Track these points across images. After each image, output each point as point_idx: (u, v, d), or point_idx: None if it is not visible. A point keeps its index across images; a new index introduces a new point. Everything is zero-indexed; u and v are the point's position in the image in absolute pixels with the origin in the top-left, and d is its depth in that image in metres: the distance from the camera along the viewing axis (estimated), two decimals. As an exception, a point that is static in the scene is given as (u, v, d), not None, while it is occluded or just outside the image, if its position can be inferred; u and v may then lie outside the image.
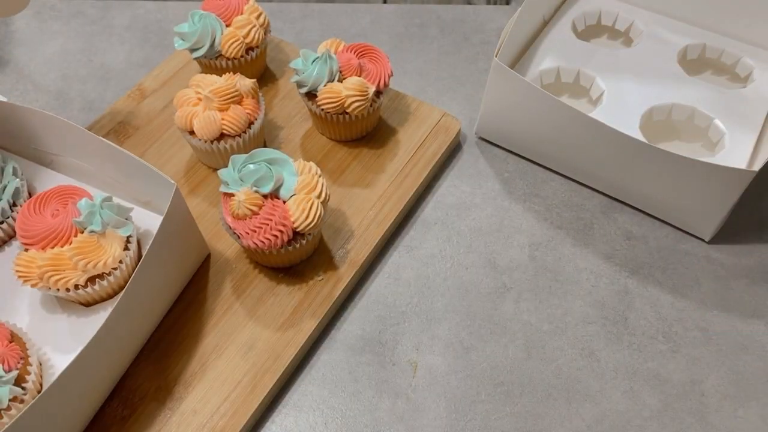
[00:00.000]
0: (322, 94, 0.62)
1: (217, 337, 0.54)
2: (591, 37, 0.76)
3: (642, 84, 0.67)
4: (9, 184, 0.57)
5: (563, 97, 0.70)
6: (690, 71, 0.69)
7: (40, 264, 0.50)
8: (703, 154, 0.64)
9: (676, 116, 0.65)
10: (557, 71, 0.68)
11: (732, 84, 0.71)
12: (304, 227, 0.53)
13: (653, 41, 0.71)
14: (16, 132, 0.59)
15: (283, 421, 0.52)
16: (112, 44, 0.79)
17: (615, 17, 0.74)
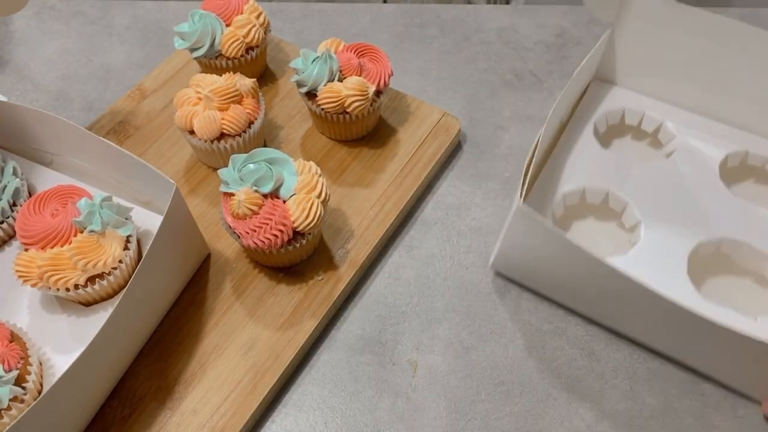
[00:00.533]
0: (322, 94, 0.62)
1: (217, 337, 0.54)
2: (614, 138, 0.67)
3: (684, 210, 0.58)
4: (9, 184, 0.57)
5: (589, 219, 0.61)
6: (731, 180, 0.62)
7: (40, 264, 0.50)
8: (758, 296, 0.56)
9: (726, 250, 0.57)
10: (582, 192, 0.60)
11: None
12: (304, 227, 0.53)
13: (688, 150, 0.63)
14: (16, 132, 0.59)
15: (283, 421, 0.52)
16: (112, 44, 0.79)
17: (641, 117, 0.66)
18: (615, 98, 0.67)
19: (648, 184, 0.60)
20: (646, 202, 0.59)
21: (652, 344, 0.54)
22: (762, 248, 0.56)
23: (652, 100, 0.66)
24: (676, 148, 0.63)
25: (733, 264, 0.57)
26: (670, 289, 0.50)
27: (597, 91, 0.67)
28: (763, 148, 0.62)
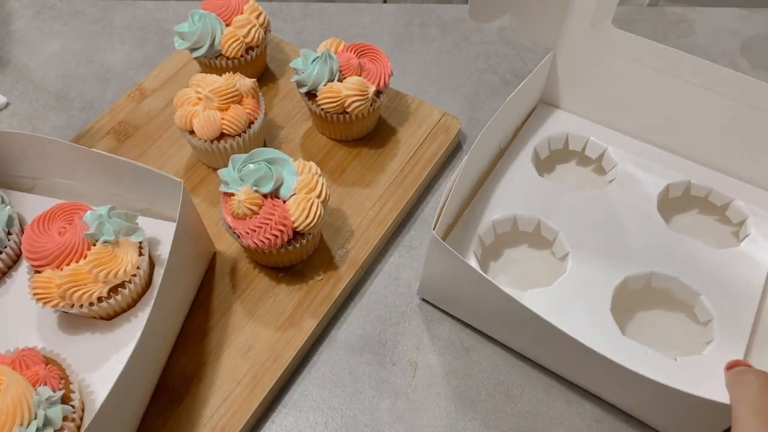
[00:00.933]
0: (322, 94, 0.62)
1: (217, 337, 0.54)
2: (557, 163, 0.66)
3: (615, 242, 0.57)
4: (1, 213, 0.55)
5: (522, 246, 0.60)
6: (674, 210, 0.61)
7: (59, 282, 0.49)
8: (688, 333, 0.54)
9: (656, 284, 0.55)
10: (514, 220, 0.58)
11: (723, 227, 0.61)
12: (304, 227, 0.53)
13: (628, 179, 0.61)
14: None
15: (283, 421, 0.52)
16: (112, 44, 0.79)
17: (585, 142, 0.64)
18: (559, 123, 0.65)
19: (582, 213, 0.58)
20: (578, 232, 0.57)
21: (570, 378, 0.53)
22: (692, 285, 0.54)
23: (597, 126, 0.65)
24: (617, 177, 0.62)
25: (664, 299, 0.56)
26: (590, 325, 0.51)
27: (542, 114, 0.66)
28: (707, 179, 0.61)
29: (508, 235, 0.59)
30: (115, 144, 0.66)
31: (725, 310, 0.53)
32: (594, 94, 0.63)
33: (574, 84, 0.64)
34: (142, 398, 0.49)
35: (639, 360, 0.50)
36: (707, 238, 0.60)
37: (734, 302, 0.53)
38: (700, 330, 0.54)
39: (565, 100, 0.66)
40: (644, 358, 0.50)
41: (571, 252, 0.56)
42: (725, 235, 0.60)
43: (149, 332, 0.45)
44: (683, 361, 0.50)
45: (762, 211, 0.59)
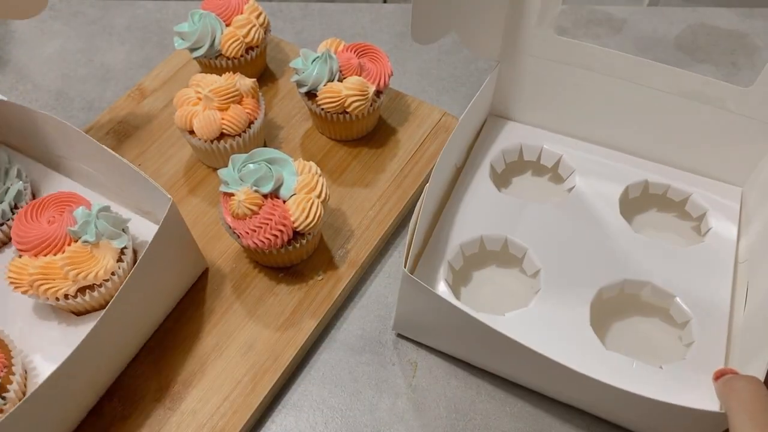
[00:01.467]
0: (322, 94, 0.62)
1: (217, 336, 0.54)
2: (513, 175, 0.65)
3: (584, 252, 0.56)
4: (12, 187, 0.57)
5: (491, 266, 0.58)
6: (634, 211, 0.61)
7: (31, 272, 0.49)
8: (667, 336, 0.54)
9: (630, 291, 0.55)
10: (480, 241, 0.57)
11: (683, 223, 0.61)
12: (304, 227, 0.53)
13: (588, 184, 0.60)
14: (26, 133, 0.59)
15: (283, 421, 0.52)
16: (112, 44, 0.79)
17: (539, 152, 0.63)
18: (512, 134, 0.65)
19: (547, 226, 0.58)
20: (546, 247, 0.56)
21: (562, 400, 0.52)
22: (664, 287, 0.54)
23: (550, 134, 0.64)
24: (576, 184, 0.61)
25: (640, 304, 0.55)
26: (573, 342, 0.51)
27: (494, 127, 0.65)
28: (662, 175, 0.61)
29: (476, 257, 0.58)
30: (115, 144, 0.66)
31: (701, 309, 0.53)
32: (544, 102, 0.63)
33: (523, 94, 0.63)
34: (82, 398, 0.48)
35: (626, 374, 0.49)
36: (671, 234, 0.60)
37: (708, 299, 0.53)
38: (678, 332, 0.54)
39: (515, 111, 0.65)
40: (630, 371, 0.49)
41: (542, 269, 0.55)
42: (686, 231, 0.61)
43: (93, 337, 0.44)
44: (669, 368, 0.50)
45: (720, 202, 0.59)
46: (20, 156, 0.63)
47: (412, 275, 0.46)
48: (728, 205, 0.59)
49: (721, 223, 0.58)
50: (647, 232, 0.60)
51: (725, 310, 0.53)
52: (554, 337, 0.51)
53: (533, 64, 0.61)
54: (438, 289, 0.54)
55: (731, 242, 0.57)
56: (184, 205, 0.62)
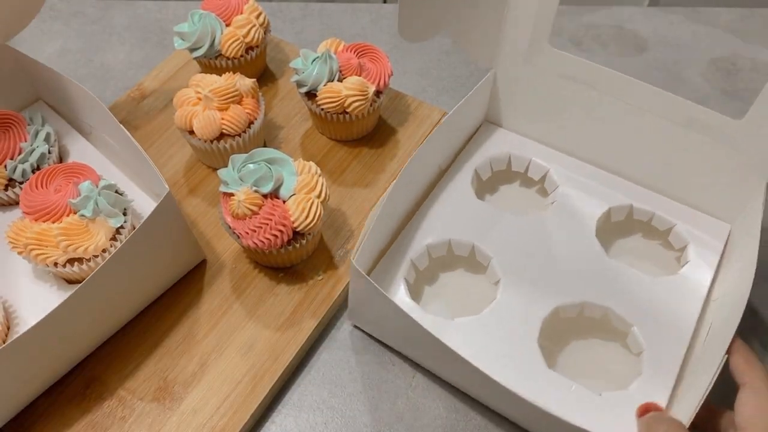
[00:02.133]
0: (322, 94, 0.62)
1: (217, 337, 0.54)
2: (501, 183, 0.64)
3: (548, 269, 0.55)
4: (37, 149, 0.59)
5: (459, 270, 0.58)
6: (617, 234, 0.60)
7: (28, 235, 0.51)
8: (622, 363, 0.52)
9: (589, 314, 0.53)
10: (449, 245, 0.57)
11: (666, 252, 0.59)
12: (304, 227, 0.53)
13: (569, 203, 0.59)
14: (61, 98, 0.62)
15: (283, 421, 0.52)
16: (112, 44, 0.79)
17: (527, 163, 0.62)
18: (502, 142, 0.64)
19: (517, 239, 0.57)
20: (511, 258, 0.55)
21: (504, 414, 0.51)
22: (624, 315, 0.52)
23: (541, 146, 0.63)
24: (557, 200, 0.60)
25: (601, 327, 0.54)
26: (516, 356, 0.50)
27: (485, 134, 0.64)
28: (650, 202, 0.59)
29: (444, 259, 0.57)
30: (115, 144, 0.66)
31: (656, 343, 0.51)
32: (536, 113, 0.62)
33: (515, 103, 0.63)
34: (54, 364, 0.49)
35: (562, 395, 0.48)
36: (651, 263, 0.58)
37: (666, 334, 0.51)
38: (634, 361, 0.52)
39: (507, 120, 0.64)
40: (567, 394, 0.48)
41: (502, 279, 0.54)
42: (669, 260, 0.59)
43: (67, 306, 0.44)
44: (608, 396, 0.48)
45: (705, 237, 0.57)
46: (57, 118, 0.65)
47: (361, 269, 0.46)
48: (712, 241, 0.57)
49: (700, 258, 0.56)
50: (629, 257, 0.58)
51: (682, 347, 0.51)
52: (497, 348, 0.50)
53: (528, 74, 0.59)
54: (394, 285, 0.54)
55: (706, 279, 0.55)
56: (184, 205, 0.62)
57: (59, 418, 0.50)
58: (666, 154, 0.57)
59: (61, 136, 0.64)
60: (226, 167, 0.54)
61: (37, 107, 0.67)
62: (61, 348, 0.49)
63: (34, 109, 0.66)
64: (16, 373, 0.46)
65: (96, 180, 0.54)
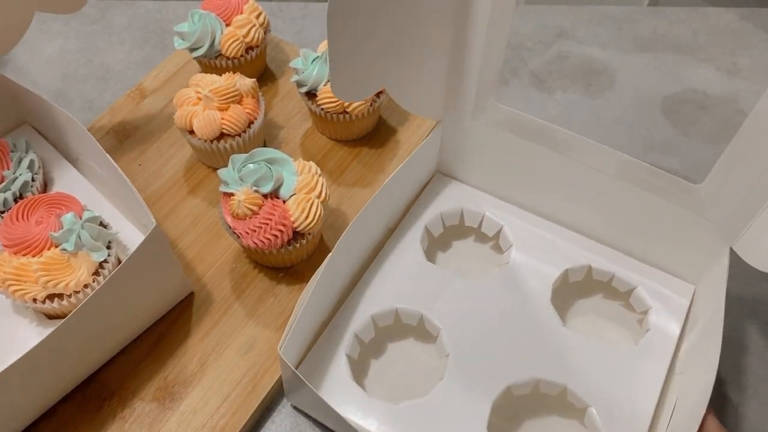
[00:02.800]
0: (322, 94, 0.62)
1: (217, 337, 0.54)
2: (455, 239, 0.60)
3: (500, 342, 0.51)
4: (19, 177, 0.57)
5: (409, 339, 0.54)
6: (576, 294, 0.56)
7: (6, 270, 0.49)
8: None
9: (545, 391, 0.50)
10: (395, 314, 0.53)
11: (629, 314, 0.55)
12: (304, 227, 0.53)
13: (523, 265, 0.55)
14: (47, 124, 0.61)
15: (283, 421, 0.52)
16: (112, 44, 0.79)
17: (481, 219, 0.59)
18: (455, 196, 0.60)
19: (468, 306, 0.53)
20: (461, 330, 0.51)
21: None
22: (581, 393, 0.48)
23: (495, 200, 0.60)
24: (511, 260, 0.56)
25: (557, 405, 0.50)
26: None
27: (437, 187, 0.61)
28: (609, 261, 0.56)
29: (392, 328, 0.54)
30: (115, 144, 0.66)
31: (616, 423, 0.47)
32: (489, 167, 0.59)
33: (467, 157, 0.59)
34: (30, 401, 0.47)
35: None
36: (612, 324, 0.55)
37: (627, 413, 0.48)
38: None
39: (460, 172, 0.61)
40: None
41: (451, 354, 0.50)
42: (631, 322, 0.55)
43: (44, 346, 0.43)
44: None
45: (667, 300, 0.54)
46: (43, 143, 0.64)
47: (287, 361, 0.44)
48: (675, 304, 0.54)
49: (662, 325, 0.52)
50: (589, 318, 0.55)
51: (643, 428, 0.48)
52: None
53: (477, 128, 0.56)
54: (334, 364, 0.50)
55: (668, 350, 0.51)
56: (184, 205, 0.62)
57: (59, 418, 0.50)
58: (624, 214, 0.54)
59: (46, 162, 0.62)
60: (226, 167, 0.54)
61: (23, 131, 0.65)
62: (39, 386, 0.47)
63: (19, 133, 0.64)
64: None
65: (80, 211, 0.52)
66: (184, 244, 0.59)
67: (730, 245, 0.50)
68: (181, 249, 0.59)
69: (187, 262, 0.58)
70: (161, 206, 0.62)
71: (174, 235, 0.60)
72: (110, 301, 0.47)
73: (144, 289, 0.51)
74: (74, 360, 0.49)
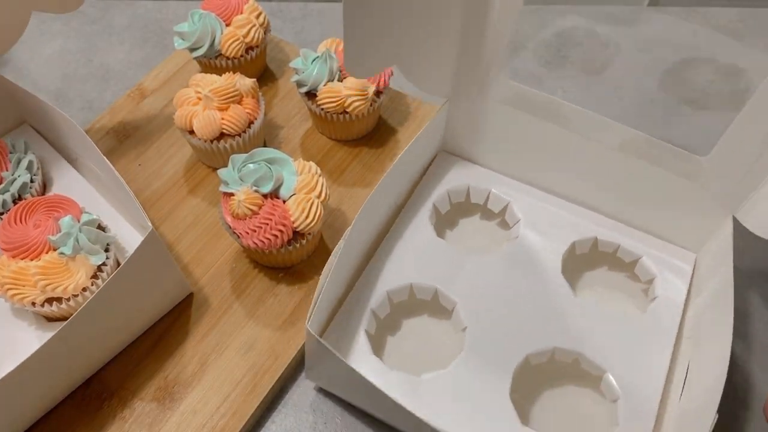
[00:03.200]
0: (322, 94, 0.62)
1: (217, 337, 0.54)
2: (461, 217, 0.61)
3: (516, 313, 0.52)
4: (18, 178, 0.57)
5: (423, 315, 0.55)
6: (582, 267, 0.57)
7: (4, 274, 0.49)
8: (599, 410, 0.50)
9: (561, 358, 0.51)
10: (410, 289, 0.54)
11: (634, 284, 0.57)
12: (304, 227, 0.53)
13: (532, 238, 0.57)
14: (47, 125, 0.61)
15: (283, 421, 0.52)
16: (112, 44, 0.79)
17: (486, 195, 0.60)
18: (460, 174, 0.61)
19: (481, 280, 0.54)
20: (476, 303, 0.52)
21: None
22: (596, 360, 0.50)
23: (501, 176, 0.61)
24: (519, 235, 0.57)
25: (573, 373, 0.51)
26: (488, 414, 0.47)
27: (443, 165, 0.62)
28: (614, 233, 0.57)
29: (406, 304, 0.55)
30: (115, 144, 0.66)
31: (631, 388, 0.49)
32: (495, 144, 0.60)
33: (473, 134, 0.60)
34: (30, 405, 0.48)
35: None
36: (619, 294, 0.57)
37: (642, 377, 0.49)
38: (609, 407, 0.50)
39: (466, 150, 0.62)
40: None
41: (468, 327, 0.51)
42: (637, 292, 0.57)
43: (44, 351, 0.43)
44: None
45: (671, 268, 0.55)
46: (42, 143, 0.63)
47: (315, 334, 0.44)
48: (679, 272, 0.55)
49: (668, 293, 0.54)
50: (596, 290, 0.56)
51: (658, 391, 0.49)
52: (468, 406, 0.48)
53: (483, 105, 0.57)
54: (354, 340, 0.51)
55: (676, 314, 0.53)
56: (184, 205, 0.62)
57: (59, 418, 0.50)
58: (629, 187, 0.56)
59: (46, 163, 0.62)
60: (226, 167, 0.54)
61: (22, 131, 0.64)
62: (39, 389, 0.47)
63: (19, 132, 0.64)
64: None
65: (78, 214, 0.52)
66: (183, 244, 0.59)
67: (733, 214, 0.52)
68: (181, 249, 0.59)
69: (187, 262, 0.58)
70: (161, 206, 0.62)
71: (174, 235, 0.60)
72: (108, 305, 0.47)
73: (142, 292, 0.51)
74: (74, 363, 0.49)
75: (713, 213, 0.53)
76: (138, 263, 0.47)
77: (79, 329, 0.45)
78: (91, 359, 0.51)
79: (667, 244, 0.57)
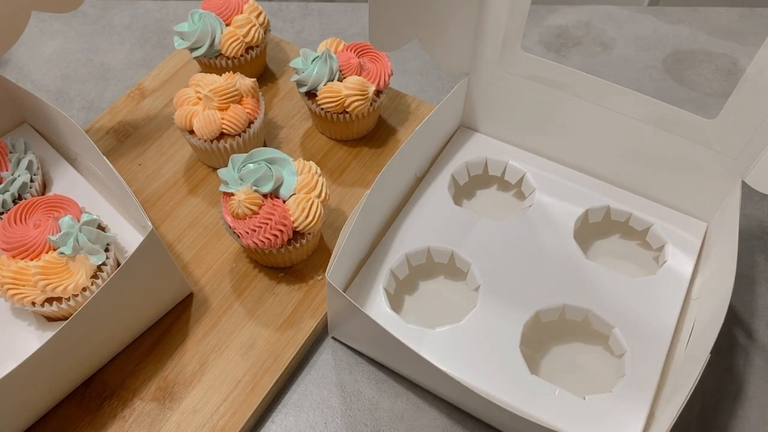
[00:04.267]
0: (322, 94, 0.62)
1: (217, 336, 0.54)
2: (478, 188, 0.64)
3: (528, 273, 0.55)
4: (18, 178, 0.57)
5: (439, 278, 0.57)
6: (594, 235, 0.60)
7: (4, 274, 0.49)
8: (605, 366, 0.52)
9: (570, 317, 0.53)
10: (428, 252, 0.56)
11: (645, 252, 0.59)
12: (303, 227, 0.53)
13: (545, 205, 0.59)
14: (47, 125, 0.61)
15: (283, 421, 0.52)
16: (112, 44, 0.79)
17: (504, 167, 0.62)
18: (479, 147, 0.64)
19: (495, 244, 0.56)
20: (490, 264, 0.55)
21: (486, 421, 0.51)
22: (605, 317, 0.52)
23: (517, 150, 0.63)
24: (534, 203, 0.59)
25: (582, 331, 0.53)
26: (498, 363, 0.50)
27: (462, 139, 0.64)
28: (627, 203, 0.59)
29: (424, 267, 0.57)
30: (115, 144, 0.66)
31: (638, 344, 0.51)
32: (512, 117, 0.62)
33: (491, 108, 0.62)
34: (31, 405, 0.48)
35: (545, 400, 0.48)
36: (630, 263, 0.58)
37: (648, 335, 0.51)
38: (616, 363, 0.52)
39: (483, 124, 0.64)
40: (551, 399, 0.48)
41: (481, 285, 0.54)
42: (647, 260, 0.59)
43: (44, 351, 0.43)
44: (592, 399, 0.48)
45: (682, 236, 0.57)
46: (42, 143, 0.63)
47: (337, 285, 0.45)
48: (689, 240, 0.57)
49: (677, 258, 0.56)
50: (607, 259, 0.58)
51: (664, 347, 0.51)
52: (479, 356, 0.50)
53: (502, 79, 0.59)
54: (373, 297, 0.53)
55: (684, 278, 0.55)
56: (184, 205, 0.62)
57: (59, 418, 0.50)
58: (641, 155, 0.57)
59: (46, 162, 0.62)
60: (226, 167, 0.54)
61: (22, 130, 0.64)
62: (39, 389, 0.47)
63: (19, 132, 0.64)
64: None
65: (77, 214, 0.52)
66: (184, 244, 0.60)
67: (742, 179, 0.53)
68: (181, 249, 0.59)
69: (187, 261, 0.58)
70: (161, 206, 0.62)
71: (174, 235, 0.60)
72: (108, 305, 0.47)
73: (142, 292, 0.51)
74: (74, 363, 0.49)
75: (723, 178, 0.54)
76: (138, 263, 0.47)
77: (79, 329, 0.45)
78: (91, 359, 0.51)
79: (678, 213, 0.59)
